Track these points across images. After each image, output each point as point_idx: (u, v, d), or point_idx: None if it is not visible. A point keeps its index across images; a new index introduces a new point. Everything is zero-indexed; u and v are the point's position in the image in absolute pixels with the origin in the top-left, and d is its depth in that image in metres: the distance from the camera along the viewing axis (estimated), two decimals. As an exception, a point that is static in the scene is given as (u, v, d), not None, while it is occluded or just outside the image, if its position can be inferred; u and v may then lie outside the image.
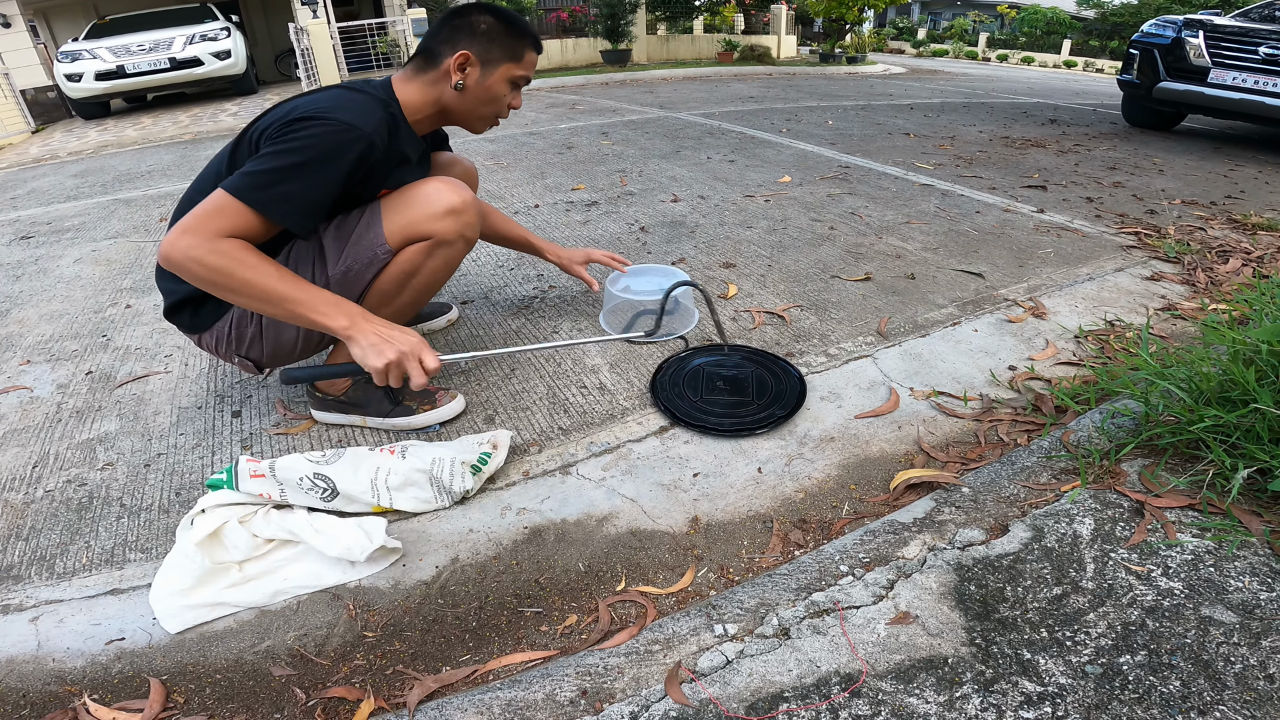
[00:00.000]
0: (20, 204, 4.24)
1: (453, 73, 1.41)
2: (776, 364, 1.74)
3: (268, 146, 1.23)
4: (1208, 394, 1.34)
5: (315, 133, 1.22)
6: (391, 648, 1.08)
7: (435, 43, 1.42)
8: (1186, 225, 2.77)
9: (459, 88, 1.42)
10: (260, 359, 1.48)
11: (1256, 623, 0.97)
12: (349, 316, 1.23)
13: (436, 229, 1.39)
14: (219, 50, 9.62)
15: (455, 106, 1.46)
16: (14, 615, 1.16)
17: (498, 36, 1.43)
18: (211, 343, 1.46)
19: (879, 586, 1.07)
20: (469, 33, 1.41)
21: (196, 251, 1.16)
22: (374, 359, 1.21)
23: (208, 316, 1.43)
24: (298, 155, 1.21)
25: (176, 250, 1.16)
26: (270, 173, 1.20)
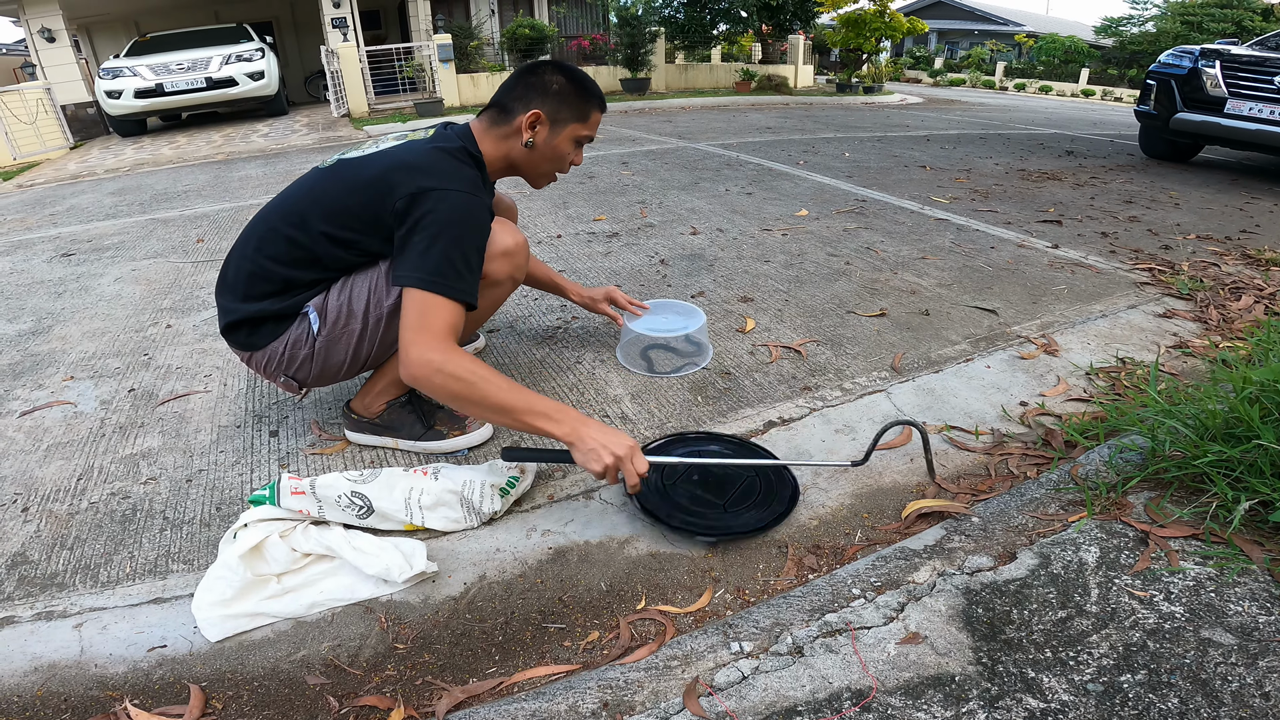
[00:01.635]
0: (60, 220, 4.39)
1: (524, 130, 1.48)
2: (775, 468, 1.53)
3: (420, 232, 1.31)
4: (1213, 430, 1.37)
5: (456, 208, 1.32)
6: (421, 659, 1.14)
7: (509, 99, 1.49)
8: (1201, 261, 2.81)
9: (529, 145, 1.49)
10: (306, 379, 1.56)
11: (1254, 644, 1.01)
12: (570, 424, 1.29)
13: (490, 270, 1.47)
14: (253, 71, 9.85)
15: (522, 162, 1.54)
16: (58, 621, 1.21)
17: (568, 97, 1.49)
18: (262, 361, 1.53)
19: (890, 608, 1.11)
20: (541, 91, 1.47)
21: (435, 366, 1.26)
22: (594, 465, 1.28)
23: (264, 337, 1.49)
24: (456, 234, 1.31)
25: (418, 367, 1.27)
26: (448, 263, 1.30)
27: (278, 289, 1.46)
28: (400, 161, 1.38)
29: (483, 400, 1.28)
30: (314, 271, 1.45)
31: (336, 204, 1.40)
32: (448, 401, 1.31)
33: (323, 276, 1.46)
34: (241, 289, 1.49)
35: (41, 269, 3.24)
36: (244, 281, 1.48)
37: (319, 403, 1.87)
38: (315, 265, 1.44)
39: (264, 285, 1.46)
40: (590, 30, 14.51)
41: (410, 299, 1.29)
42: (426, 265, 1.29)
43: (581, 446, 1.28)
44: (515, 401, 1.29)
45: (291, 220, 1.44)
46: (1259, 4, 20.13)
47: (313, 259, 1.43)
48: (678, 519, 1.37)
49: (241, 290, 1.49)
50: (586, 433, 1.29)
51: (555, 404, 1.32)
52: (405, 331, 1.29)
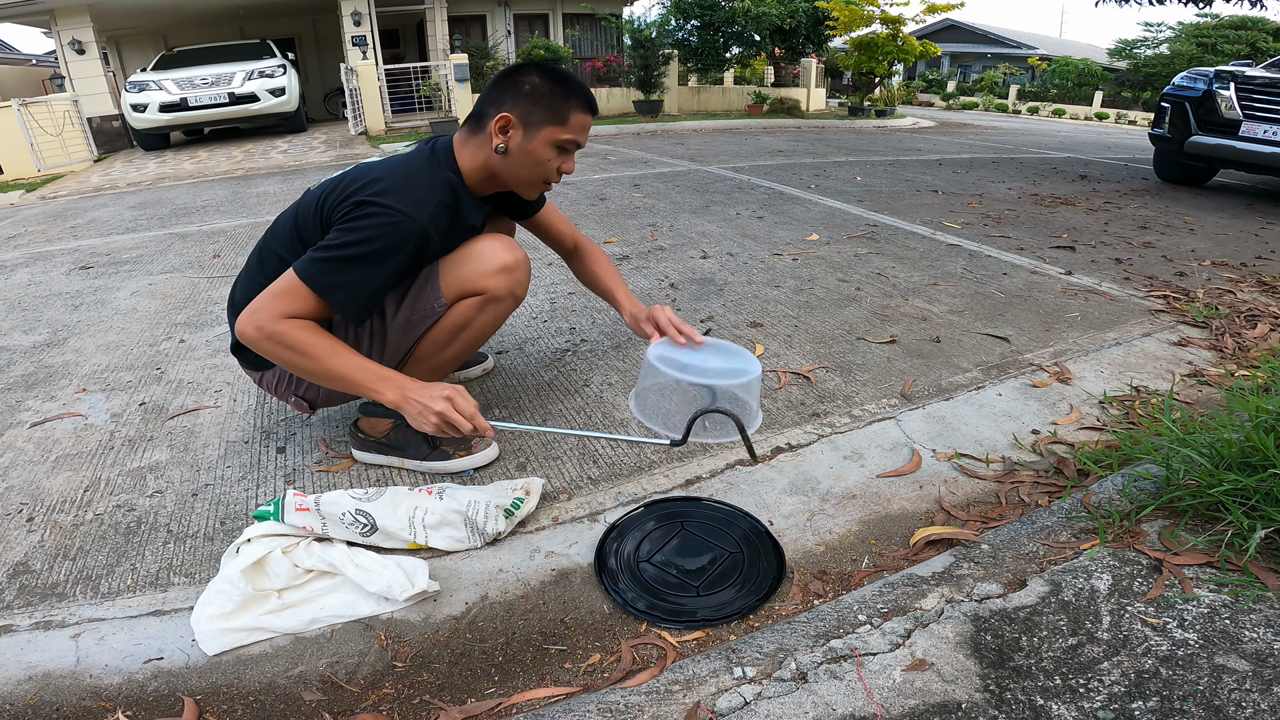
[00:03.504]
0: (80, 233, 4.46)
1: (494, 135, 1.41)
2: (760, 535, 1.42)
3: (336, 230, 1.33)
4: (1229, 459, 1.35)
5: (376, 224, 1.30)
6: (420, 678, 1.13)
7: (484, 103, 1.43)
8: (1216, 288, 2.78)
9: (501, 151, 1.42)
10: (315, 399, 1.57)
11: (1269, 670, 0.99)
12: (397, 390, 1.30)
13: (489, 285, 1.46)
14: (275, 87, 10.00)
15: (500, 170, 1.46)
16: (55, 631, 1.21)
17: (542, 98, 1.39)
18: (271, 381, 1.55)
19: (896, 635, 1.10)
20: (513, 93, 1.40)
21: (268, 332, 1.27)
22: (426, 427, 1.30)
23: None
24: (360, 247, 1.30)
25: (249, 328, 1.28)
26: (334, 261, 1.30)
27: None
28: (365, 173, 1.38)
29: (311, 368, 1.30)
30: None
31: (308, 215, 1.42)
32: (275, 361, 1.32)
33: None
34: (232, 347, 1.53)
35: (60, 281, 3.28)
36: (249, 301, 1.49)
37: (327, 420, 1.87)
38: None
39: None
40: (604, 52, 14.68)
41: (286, 276, 1.30)
42: (320, 258, 1.30)
43: (409, 411, 1.29)
44: (341, 369, 1.30)
45: (282, 239, 1.47)
46: (1271, 25, 20.11)
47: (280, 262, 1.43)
48: (643, 602, 1.26)
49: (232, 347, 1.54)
50: (411, 395, 1.29)
51: (385, 372, 1.32)
52: (261, 295, 1.30)
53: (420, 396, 1.29)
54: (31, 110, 8.50)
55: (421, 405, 1.28)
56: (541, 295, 2.79)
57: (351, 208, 1.32)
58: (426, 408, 1.28)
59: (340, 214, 1.34)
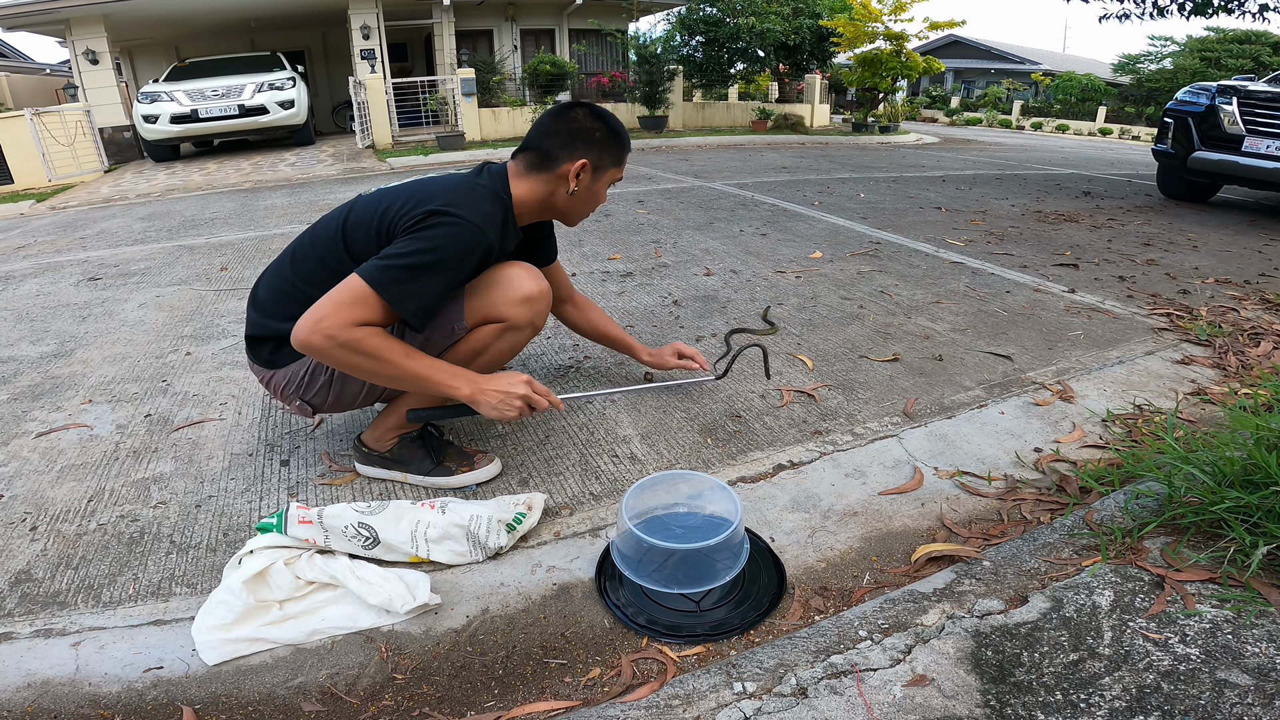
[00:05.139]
0: (90, 244, 4.49)
1: (570, 179, 1.51)
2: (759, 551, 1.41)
3: (404, 238, 1.35)
4: (1231, 477, 1.35)
5: (448, 233, 1.35)
6: (419, 690, 1.13)
7: (552, 145, 1.50)
8: (1219, 306, 2.78)
9: (573, 192, 1.53)
10: (321, 405, 1.58)
11: (1272, 684, 0.99)
12: (471, 385, 1.38)
13: (511, 314, 1.49)
14: (284, 100, 10.07)
15: (564, 206, 1.58)
16: (55, 639, 1.22)
17: (609, 146, 1.54)
18: (281, 381, 1.55)
19: (897, 651, 1.09)
20: (585, 140, 1.51)
21: (339, 340, 1.29)
22: (509, 414, 1.39)
23: (286, 357, 1.52)
24: (431, 255, 1.33)
25: (316, 336, 1.28)
26: (406, 269, 1.32)
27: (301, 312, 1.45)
28: (426, 188, 1.43)
29: (382, 371, 1.33)
30: None
31: (362, 225, 1.45)
32: (341, 368, 1.34)
33: None
34: (270, 306, 1.52)
35: (68, 292, 3.31)
36: (274, 299, 1.52)
37: (331, 434, 1.88)
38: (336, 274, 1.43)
39: (292, 306, 1.46)
40: (610, 67, 14.78)
41: (348, 281, 1.31)
42: (387, 266, 1.31)
43: (487, 403, 1.38)
44: (416, 370, 1.35)
45: (321, 244, 1.49)
46: (1273, 38, 20.14)
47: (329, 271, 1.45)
48: (644, 617, 1.26)
49: (270, 308, 1.52)
50: (489, 389, 1.38)
51: (455, 368, 1.39)
52: (323, 301, 1.30)
53: (497, 386, 1.39)
54: (44, 120, 8.59)
55: (502, 394, 1.38)
56: (545, 309, 2.80)
57: (423, 216, 1.36)
58: (509, 394, 1.38)
59: (409, 223, 1.36)
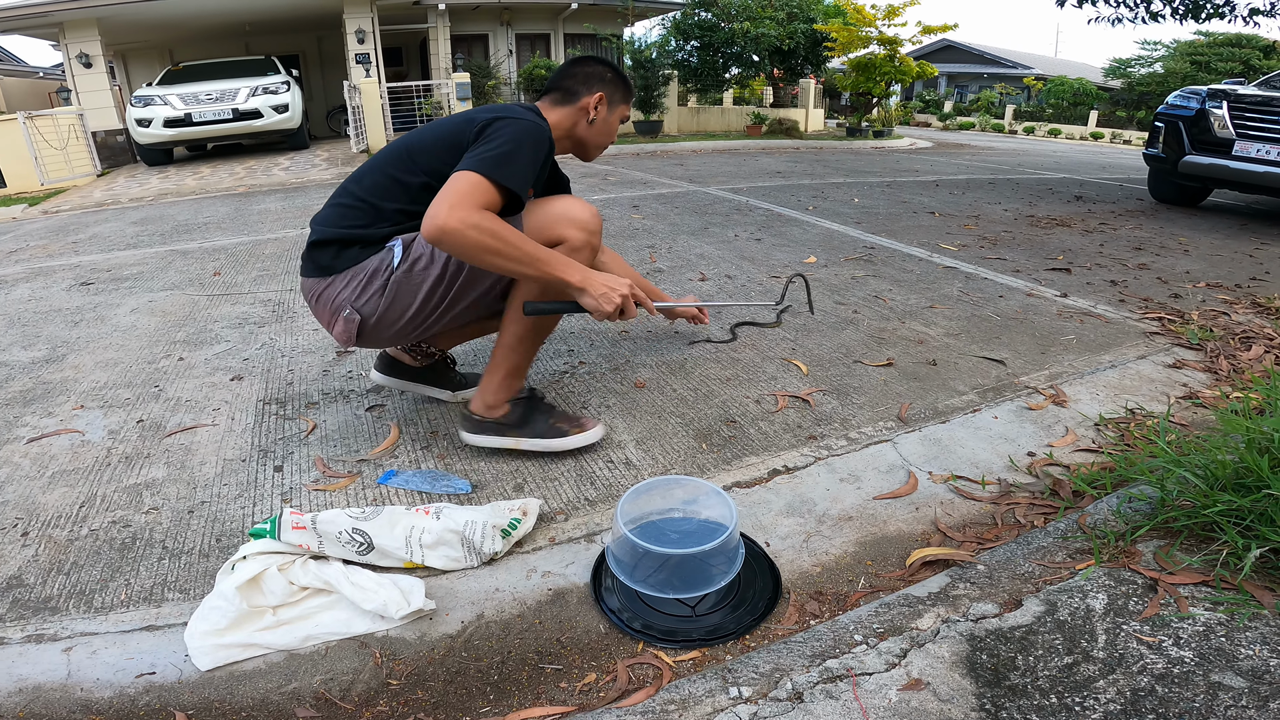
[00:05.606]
0: (82, 249, 4.47)
1: (590, 109, 1.74)
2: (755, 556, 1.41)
3: (486, 141, 1.51)
4: (1223, 480, 1.36)
5: (521, 127, 1.54)
6: (414, 696, 1.12)
7: (573, 84, 1.74)
8: (1210, 310, 2.80)
9: (592, 121, 1.76)
10: (370, 315, 1.62)
11: (1265, 687, 0.99)
12: (582, 272, 1.50)
13: (569, 234, 1.62)
14: (278, 104, 10.04)
15: (585, 136, 1.79)
16: (47, 645, 1.21)
17: (619, 85, 1.80)
18: (337, 288, 1.62)
19: (892, 655, 1.10)
20: (600, 79, 1.76)
21: (471, 222, 1.39)
22: (607, 306, 1.50)
23: (347, 260, 1.61)
24: (514, 144, 1.51)
25: (452, 221, 1.38)
26: (500, 156, 1.48)
27: (366, 220, 1.62)
28: (483, 110, 1.62)
29: (513, 253, 1.43)
30: (401, 202, 1.61)
31: (427, 141, 1.62)
32: (476, 256, 1.42)
33: (406, 209, 1.60)
34: (333, 218, 1.65)
35: (60, 297, 3.29)
36: (336, 213, 1.65)
37: (325, 439, 1.88)
38: (403, 198, 1.60)
39: (355, 216, 1.62)
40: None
41: (454, 177, 1.44)
42: (480, 156, 1.47)
43: (594, 291, 1.50)
44: (538, 252, 1.46)
45: (386, 161, 1.64)
46: (1263, 42, 20.26)
47: (404, 190, 1.60)
48: (639, 622, 1.26)
49: (333, 219, 1.64)
50: (596, 278, 1.51)
51: (568, 259, 1.52)
52: (442, 195, 1.41)
53: (604, 279, 1.51)
54: (37, 123, 8.55)
55: (608, 287, 1.50)
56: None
57: (490, 121, 1.55)
58: (613, 289, 1.51)
59: (484, 128, 1.54)
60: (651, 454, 1.78)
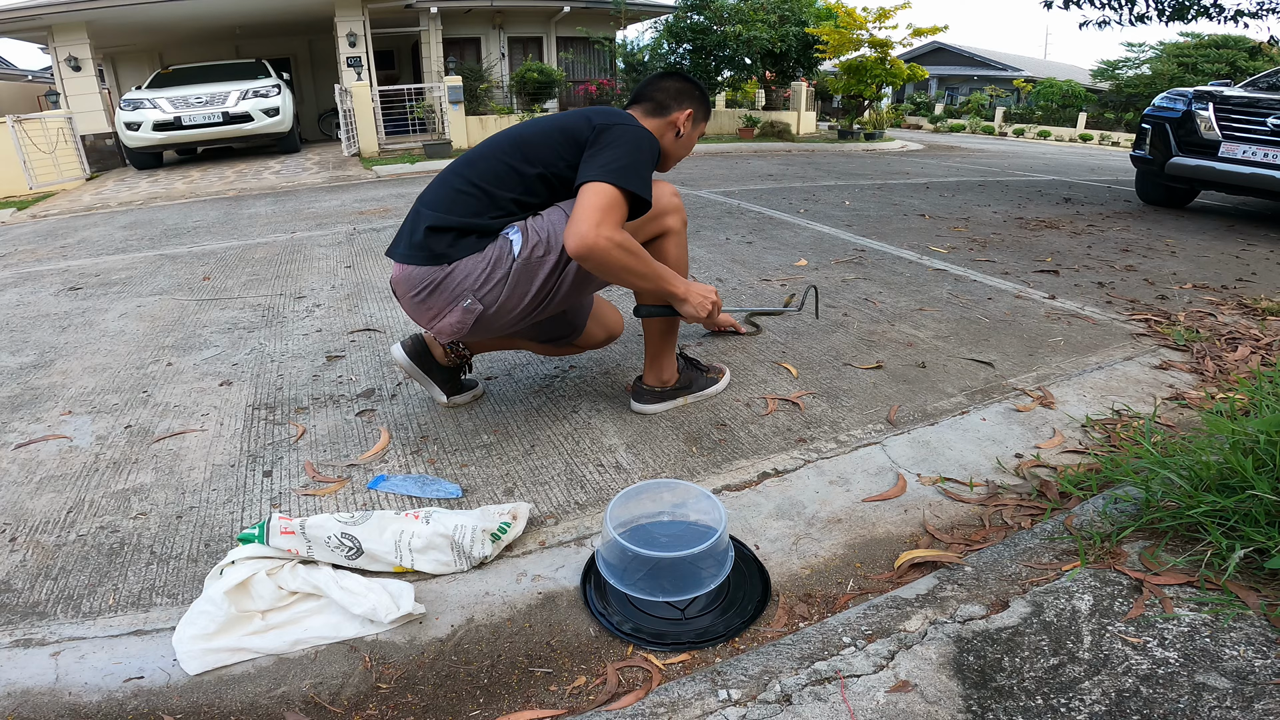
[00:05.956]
0: (70, 253, 4.45)
1: (680, 124, 1.82)
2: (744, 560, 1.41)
3: (609, 147, 1.60)
4: (1207, 481, 1.37)
5: (639, 135, 1.65)
6: (404, 700, 1.12)
7: (665, 97, 1.82)
8: (1197, 311, 2.82)
9: (679, 135, 1.84)
10: (488, 309, 1.64)
11: (1250, 687, 1.00)
12: (684, 285, 1.70)
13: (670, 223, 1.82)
14: (268, 107, 10.00)
15: (670, 148, 1.85)
16: (35, 649, 1.21)
17: (703, 104, 1.88)
18: (459, 276, 1.62)
19: (880, 657, 1.10)
20: (690, 96, 1.84)
21: (616, 240, 1.52)
22: (701, 313, 1.71)
23: (464, 249, 1.63)
24: (637, 154, 1.61)
25: (601, 240, 1.49)
26: (629, 167, 1.57)
27: (481, 208, 1.64)
28: (594, 110, 1.72)
29: (642, 270, 1.60)
30: (515, 191, 1.65)
31: (542, 133, 1.68)
32: (611, 273, 1.56)
33: (521, 199, 1.66)
34: (447, 203, 1.66)
35: (48, 302, 3.28)
36: (450, 199, 1.66)
37: (315, 444, 1.88)
38: (518, 187, 1.65)
39: (470, 202, 1.64)
40: (597, 75, 14.83)
41: (590, 189, 1.53)
42: (610, 166, 1.55)
43: (692, 300, 1.70)
44: (659, 270, 1.65)
45: (498, 150, 1.69)
46: (1249, 43, 20.40)
47: (519, 180, 1.65)
48: (629, 625, 1.26)
49: (447, 205, 1.66)
50: (693, 289, 1.71)
51: (674, 273, 1.69)
52: (585, 211, 1.50)
53: (699, 289, 1.72)
54: (25, 127, 8.49)
55: (702, 296, 1.71)
56: (531, 317, 2.80)
57: (615, 123, 1.65)
58: (706, 297, 1.72)
59: (603, 131, 1.63)
60: (642, 457, 1.79)
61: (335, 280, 3.51)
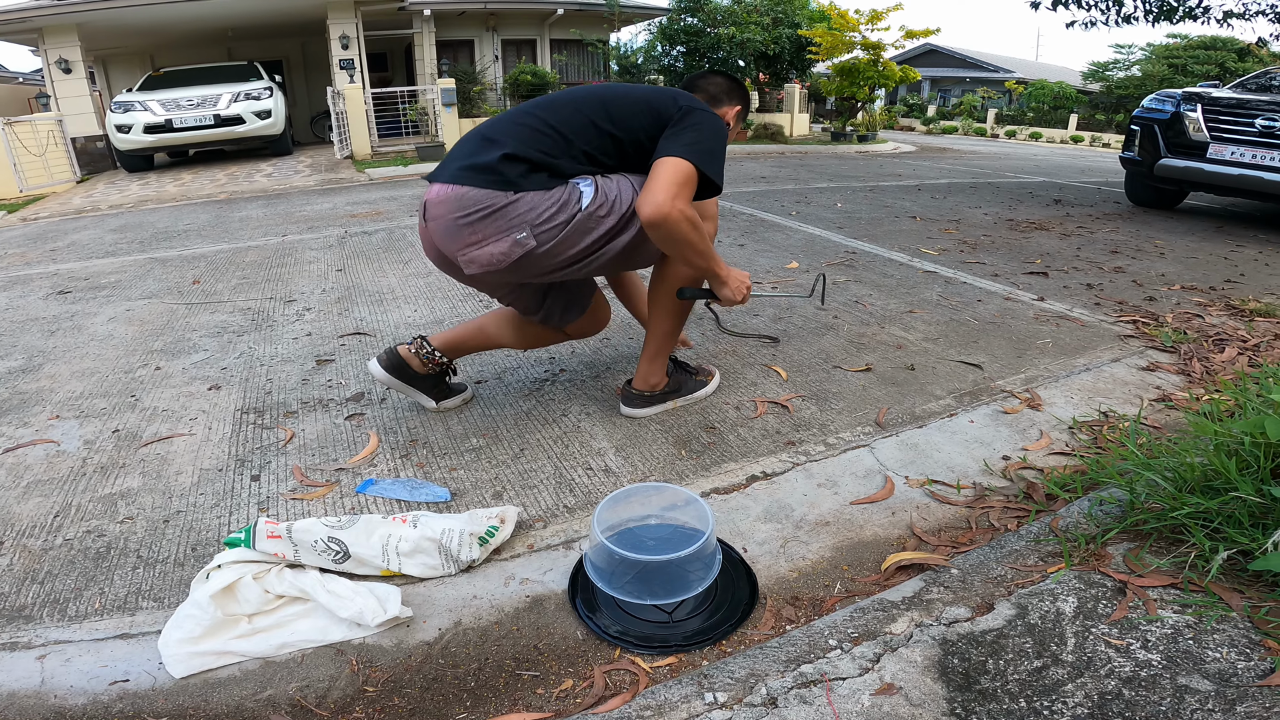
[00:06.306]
0: (60, 257, 4.43)
1: (729, 120, 1.92)
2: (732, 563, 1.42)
3: (693, 129, 1.65)
4: (1191, 483, 1.38)
5: (716, 124, 1.70)
6: (391, 703, 1.12)
7: (718, 91, 1.93)
8: (1185, 312, 2.84)
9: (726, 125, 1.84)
10: (539, 247, 1.63)
11: (1233, 690, 1.00)
12: (725, 267, 1.80)
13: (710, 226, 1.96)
14: (260, 110, 9.95)
15: None
16: (21, 653, 1.21)
17: (748, 103, 2.00)
18: (522, 208, 1.60)
19: (865, 659, 1.11)
20: (738, 95, 1.96)
21: (688, 215, 1.59)
22: (738, 296, 1.83)
23: (535, 183, 1.61)
24: (716, 141, 1.67)
25: (675, 211, 1.56)
26: (709, 151, 1.63)
27: (558, 151, 1.64)
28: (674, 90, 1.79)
29: (701, 247, 1.67)
30: (590, 146, 1.67)
31: (627, 99, 1.72)
32: (676, 245, 1.64)
33: (593, 154, 1.68)
34: (522, 136, 1.64)
35: (37, 306, 3.26)
36: (525, 134, 1.64)
37: (303, 449, 1.87)
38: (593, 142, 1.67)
39: (544, 141, 1.64)
40: (591, 77, 14.84)
41: (670, 164, 1.58)
42: (694, 146, 1.61)
43: (731, 283, 1.82)
44: (712, 250, 1.73)
45: (577, 100, 1.71)
46: (1238, 44, 20.52)
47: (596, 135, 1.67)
48: (617, 628, 1.26)
49: (522, 137, 1.64)
50: (733, 272, 1.83)
51: (718, 254, 1.78)
52: (662, 183, 1.56)
53: (736, 273, 1.83)
54: (15, 129, 8.44)
55: (739, 280, 1.83)
56: (522, 319, 2.79)
57: (697, 107, 1.70)
58: (743, 282, 1.83)
59: (688, 113, 1.68)
60: (631, 461, 1.79)
61: (326, 284, 3.50)
